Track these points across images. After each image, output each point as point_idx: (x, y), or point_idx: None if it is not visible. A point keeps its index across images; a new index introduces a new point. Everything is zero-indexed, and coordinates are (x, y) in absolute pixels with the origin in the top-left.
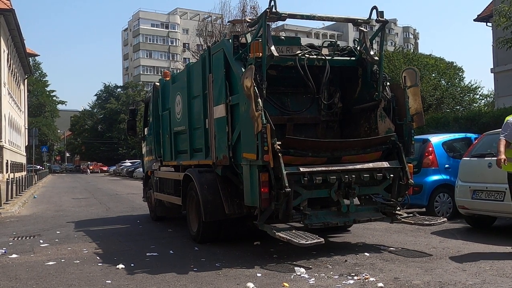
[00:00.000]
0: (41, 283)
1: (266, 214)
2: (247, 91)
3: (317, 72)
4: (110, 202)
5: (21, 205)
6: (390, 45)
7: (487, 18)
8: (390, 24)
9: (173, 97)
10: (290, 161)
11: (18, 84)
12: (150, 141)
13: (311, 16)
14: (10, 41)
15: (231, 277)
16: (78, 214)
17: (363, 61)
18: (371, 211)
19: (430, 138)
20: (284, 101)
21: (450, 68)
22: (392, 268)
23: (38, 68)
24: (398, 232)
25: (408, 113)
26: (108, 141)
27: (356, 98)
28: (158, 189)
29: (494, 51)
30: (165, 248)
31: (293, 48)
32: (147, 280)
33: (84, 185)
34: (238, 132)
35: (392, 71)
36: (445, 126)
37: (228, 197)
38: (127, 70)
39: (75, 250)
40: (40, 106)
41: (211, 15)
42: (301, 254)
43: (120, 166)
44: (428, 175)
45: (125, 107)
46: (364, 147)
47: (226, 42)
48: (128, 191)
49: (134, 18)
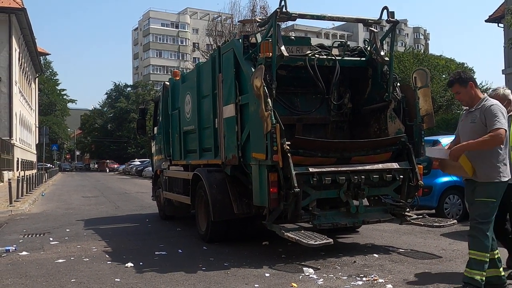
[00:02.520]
0: (51, 280)
1: (275, 214)
2: (257, 91)
3: (327, 72)
4: (119, 200)
5: (31, 203)
6: (400, 45)
7: (498, 19)
8: (401, 24)
9: (182, 96)
10: (299, 161)
11: (29, 83)
12: (159, 140)
13: (321, 16)
14: (21, 40)
15: (239, 276)
16: (87, 212)
17: (373, 61)
18: (380, 212)
19: (440, 139)
20: (294, 101)
21: (461, 69)
22: (401, 269)
23: (49, 67)
24: (407, 234)
25: (418, 114)
26: (118, 140)
27: (366, 99)
28: (167, 188)
29: (505, 52)
30: (173, 247)
31: (303, 48)
32: (155, 279)
33: (94, 183)
34: (247, 132)
35: (402, 71)
36: (455, 128)
37: (237, 196)
38: (137, 69)
39: (85, 248)
40: (51, 105)
41: (221, 15)
42: (309, 255)
43: (130, 165)
44: (438, 177)
45: (135, 106)
46: (374, 148)
47: (236, 42)
48: (137, 189)
49: (144, 17)
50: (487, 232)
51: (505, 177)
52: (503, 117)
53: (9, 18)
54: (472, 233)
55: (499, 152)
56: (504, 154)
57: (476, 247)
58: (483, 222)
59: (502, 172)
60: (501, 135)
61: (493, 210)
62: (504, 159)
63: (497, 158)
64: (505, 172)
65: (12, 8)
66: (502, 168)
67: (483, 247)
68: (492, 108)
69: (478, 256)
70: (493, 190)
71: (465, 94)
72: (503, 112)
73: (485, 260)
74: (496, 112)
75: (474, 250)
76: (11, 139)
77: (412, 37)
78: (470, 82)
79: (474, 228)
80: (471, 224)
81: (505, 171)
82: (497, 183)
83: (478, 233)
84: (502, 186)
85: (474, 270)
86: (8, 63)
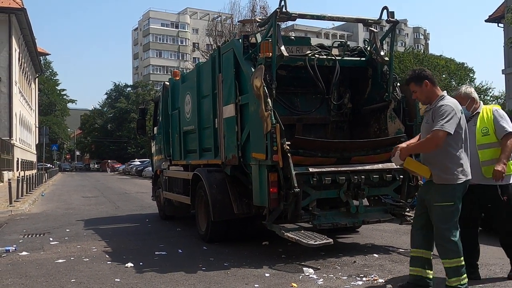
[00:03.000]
0: (51, 280)
1: (274, 214)
2: (257, 91)
3: (327, 72)
4: (119, 200)
5: (31, 203)
6: (400, 45)
7: (498, 19)
8: (401, 24)
9: (182, 96)
10: (299, 161)
11: (29, 83)
12: (159, 140)
13: (321, 16)
14: (21, 40)
15: (239, 276)
16: (87, 212)
17: (373, 61)
18: (380, 212)
19: None
20: (294, 101)
21: (461, 69)
22: (401, 269)
23: (49, 67)
24: (407, 234)
25: (418, 114)
26: (118, 140)
27: (366, 99)
28: (167, 188)
29: (505, 52)
30: (173, 247)
31: (303, 48)
32: (155, 279)
33: (94, 183)
34: (247, 132)
35: (402, 71)
36: None
37: (237, 196)
38: (137, 69)
39: (84, 248)
40: (51, 105)
41: (221, 15)
42: (309, 255)
43: (130, 165)
44: None
45: (134, 106)
46: (374, 147)
47: (236, 42)
48: (137, 190)
49: (144, 17)
50: (451, 237)
51: (460, 179)
52: (450, 117)
53: (9, 18)
54: (438, 241)
55: (452, 153)
56: (459, 155)
57: (446, 255)
58: (445, 228)
59: (457, 174)
60: (438, 137)
61: (454, 213)
62: (460, 160)
63: (451, 159)
64: (461, 173)
65: (12, 8)
66: (457, 169)
67: (452, 254)
68: (440, 108)
69: (452, 263)
70: (448, 193)
71: (420, 93)
72: (452, 112)
73: (460, 264)
74: (443, 112)
75: (446, 259)
76: (11, 139)
77: (412, 37)
78: (426, 80)
79: (438, 236)
80: (434, 231)
81: (461, 172)
82: (453, 186)
83: (443, 240)
84: (459, 189)
85: (452, 278)
86: (8, 63)
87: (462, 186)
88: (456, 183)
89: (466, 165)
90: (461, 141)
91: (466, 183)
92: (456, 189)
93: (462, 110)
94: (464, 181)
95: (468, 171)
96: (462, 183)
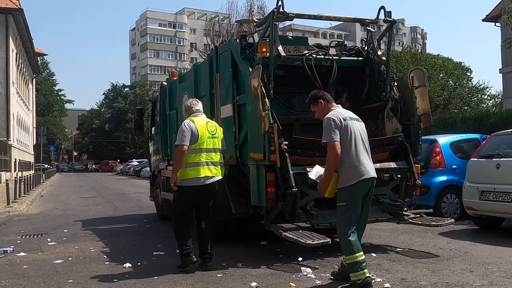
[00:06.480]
0: (49, 281)
1: (272, 214)
2: (254, 91)
3: (324, 72)
4: (117, 201)
5: (29, 203)
6: (397, 45)
7: (495, 18)
8: (398, 24)
9: (180, 96)
10: (297, 161)
11: (27, 83)
12: (157, 141)
13: (318, 16)
14: (18, 41)
15: (237, 276)
16: (85, 213)
17: (371, 61)
18: (378, 211)
19: (437, 138)
20: (291, 101)
21: (458, 69)
22: (399, 268)
23: (46, 67)
24: (405, 233)
25: (415, 113)
26: (116, 141)
27: (363, 98)
28: (165, 188)
29: (502, 52)
30: (171, 247)
31: (300, 48)
32: (154, 279)
33: (92, 184)
34: (245, 132)
35: (399, 71)
36: (452, 127)
37: (234, 196)
38: (134, 69)
39: (83, 248)
40: (48, 105)
41: (218, 15)
42: (307, 254)
43: (128, 165)
44: (436, 176)
45: (132, 106)
46: (371, 147)
47: (234, 42)
48: (135, 190)
49: (142, 17)
50: (347, 237)
51: (351, 181)
52: (331, 128)
53: (6, 18)
54: (339, 239)
55: (342, 160)
56: (347, 160)
57: (344, 251)
58: (340, 225)
59: (347, 177)
60: (332, 147)
61: (348, 213)
62: (351, 163)
63: (341, 166)
64: (352, 176)
65: (9, 9)
66: (348, 173)
67: (348, 251)
68: (324, 123)
69: (349, 260)
70: (342, 195)
71: (318, 112)
72: (332, 123)
73: (357, 260)
74: (325, 126)
75: (345, 256)
76: (8, 140)
77: (410, 36)
78: (320, 100)
79: (338, 233)
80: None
81: (351, 175)
82: (345, 188)
83: (341, 238)
84: (351, 190)
85: (351, 273)
86: (5, 63)
87: (353, 187)
88: (348, 185)
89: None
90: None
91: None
92: (347, 191)
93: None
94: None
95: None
96: (352, 184)
